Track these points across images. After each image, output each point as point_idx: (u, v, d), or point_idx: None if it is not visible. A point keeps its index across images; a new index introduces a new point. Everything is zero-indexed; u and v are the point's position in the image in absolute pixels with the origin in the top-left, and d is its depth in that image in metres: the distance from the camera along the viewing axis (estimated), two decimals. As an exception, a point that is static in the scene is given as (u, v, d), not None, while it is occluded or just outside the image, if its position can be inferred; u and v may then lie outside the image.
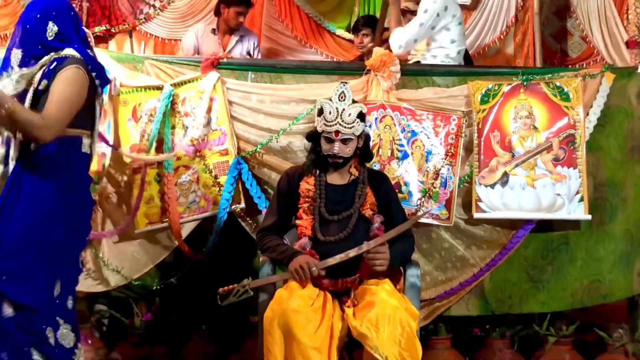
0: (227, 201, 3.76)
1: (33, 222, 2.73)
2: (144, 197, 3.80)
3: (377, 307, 2.91)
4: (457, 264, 3.88)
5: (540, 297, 3.93)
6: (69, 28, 2.89)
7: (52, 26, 2.86)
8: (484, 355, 3.95)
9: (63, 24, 2.88)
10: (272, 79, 3.98)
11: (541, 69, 4.57)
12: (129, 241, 3.87)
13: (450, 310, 3.89)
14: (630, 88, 4.02)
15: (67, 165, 2.84)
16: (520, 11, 6.02)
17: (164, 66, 3.97)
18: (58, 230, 2.77)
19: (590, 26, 6.03)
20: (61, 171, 2.82)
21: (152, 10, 6.07)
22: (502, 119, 3.85)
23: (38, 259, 2.71)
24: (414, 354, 2.88)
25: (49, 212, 2.76)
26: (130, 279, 3.85)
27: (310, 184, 3.26)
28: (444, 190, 3.80)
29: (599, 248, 3.94)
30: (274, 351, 2.88)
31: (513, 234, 3.84)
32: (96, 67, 2.89)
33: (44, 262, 2.73)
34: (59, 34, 2.86)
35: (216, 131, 3.84)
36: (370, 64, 3.88)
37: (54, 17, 2.87)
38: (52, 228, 2.75)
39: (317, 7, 6.06)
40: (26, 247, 2.71)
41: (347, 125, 3.16)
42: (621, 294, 4.00)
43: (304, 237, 3.17)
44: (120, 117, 3.84)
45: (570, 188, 3.78)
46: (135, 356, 3.82)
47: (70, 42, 2.87)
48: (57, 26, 2.86)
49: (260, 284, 3.15)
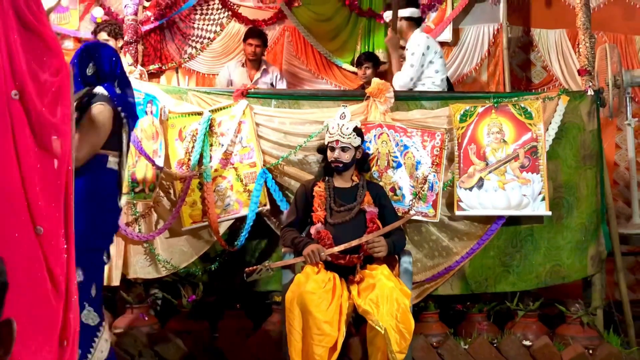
0: (255, 204, 3.77)
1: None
2: (188, 201, 3.82)
3: (377, 289, 2.94)
4: (443, 252, 3.87)
5: (510, 278, 3.92)
6: (105, 70, 2.91)
7: (92, 66, 2.89)
8: (465, 327, 3.93)
9: (102, 65, 2.90)
10: (291, 105, 3.99)
11: (509, 93, 4.56)
12: (177, 237, 3.89)
13: (437, 290, 3.89)
14: (582, 108, 4.00)
15: (91, 178, 2.82)
16: (492, 46, 6.00)
17: (203, 96, 3.99)
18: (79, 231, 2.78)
19: (550, 58, 6.02)
20: (85, 182, 2.79)
21: (194, 51, 6.10)
22: (477, 134, 3.85)
23: None
24: (408, 326, 2.90)
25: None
26: (178, 268, 3.87)
27: (321, 188, 3.35)
28: (431, 192, 3.80)
29: (559, 238, 3.93)
30: (294, 324, 2.91)
31: (488, 228, 3.84)
32: (122, 102, 2.89)
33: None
34: (96, 72, 2.89)
35: (246, 148, 3.85)
36: (370, 91, 3.88)
37: (96, 58, 2.90)
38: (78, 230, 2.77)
39: (327, 45, 6.07)
40: None
41: (346, 136, 3.31)
42: (577, 276, 3.99)
43: (319, 223, 3.23)
44: (169, 137, 3.87)
45: (534, 190, 3.77)
46: (183, 329, 3.82)
47: (104, 81, 2.89)
48: (96, 66, 2.89)
49: (277, 266, 3.19)
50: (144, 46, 5.91)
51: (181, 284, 3.96)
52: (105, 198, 2.90)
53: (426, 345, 3.71)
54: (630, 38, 6.01)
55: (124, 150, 2.96)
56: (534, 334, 3.83)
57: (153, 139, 3.82)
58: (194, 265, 3.92)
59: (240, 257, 3.94)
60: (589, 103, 4.03)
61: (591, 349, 3.70)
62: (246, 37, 5.34)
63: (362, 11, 6.04)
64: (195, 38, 6.10)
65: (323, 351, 2.85)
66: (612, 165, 5.82)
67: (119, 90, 2.92)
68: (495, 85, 5.90)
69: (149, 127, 3.79)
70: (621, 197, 5.73)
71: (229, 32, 6.11)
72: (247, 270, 3.11)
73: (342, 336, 2.92)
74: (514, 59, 6.08)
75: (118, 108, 2.87)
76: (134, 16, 4.97)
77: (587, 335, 3.79)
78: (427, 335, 3.77)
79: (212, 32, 6.12)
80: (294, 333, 2.90)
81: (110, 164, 2.91)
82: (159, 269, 3.84)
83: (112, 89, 2.89)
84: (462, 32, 6.07)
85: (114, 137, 2.88)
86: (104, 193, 2.89)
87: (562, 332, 3.87)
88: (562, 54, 5.98)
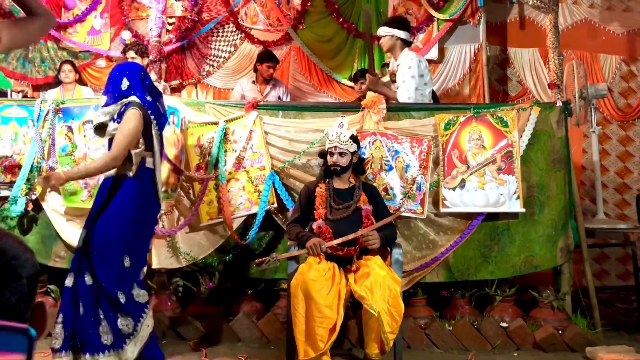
0: (264, 202, 3.77)
1: (113, 222, 2.88)
2: (205, 200, 3.82)
3: (371, 277, 2.94)
4: (430, 245, 3.86)
5: (489, 267, 3.90)
6: (137, 83, 3.03)
7: (125, 81, 3.00)
8: (449, 310, 3.92)
9: (133, 79, 3.02)
10: (296, 115, 3.99)
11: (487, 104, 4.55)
12: (196, 232, 3.89)
13: (425, 278, 3.87)
14: (551, 117, 4.00)
15: (137, 177, 2.95)
16: (473, 63, 5.99)
17: (219, 108, 4.00)
18: (129, 224, 2.89)
19: (524, 73, 6.02)
20: (134, 180, 2.94)
21: (211, 68, 6.11)
22: (459, 140, 3.84)
23: (112, 248, 2.83)
24: (399, 309, 2.90)
25: (125, 213, 2.89)
26: (197, 259, 3.87)
27: (322, 188, 3.34)
28: (419, 192, 3.79)
29: (532, 232, 3.91)
30: (298, 308, 2.92)
31: (469, 223, 3.83)
32: (150, 107, 3.01)
33: (116, 248, 2.84)
34: (129, 86, 3.00)
35: (256, 153, 3.85)
36: (365, 103, 3.89)
37: (128, 75, 3.03)
38: (125, 223, 2.88)
39: (328, 63, 6.07)
40: (106, 240, 2.85)
41: (343, 142, 3.31)
42: (548, 265, 3.97)
43: (320, 219, 3.24)
44: (189, 144, 3.88)
45: (510, 189, 3.76)
46: (201, 313, 3.83)
47: (136, 92, 3.00)
48: (129, 81, 3.01)
49: (283, 257, 3.20)
50: (166, 64, 5.93)
51: (200, 273, 3.96)
52: (147, 193, 3.00)
53: (415, 326, 3.71)
54: (595, 56, 6.02)
55: (156, 150, 3.02)
56: (510, 316, 3.82)
57: (175, 146, 3.83)
58: (210, 257, 3.92)
59: (252, 249, 3.94)
60: (558, 113, 4.02)
61: (560, 329, 3.70)
62: (264, 60, 5.31)
63: (359, 33, 6.04)
64: (212, 57, 6.13)
65: (324, 332, 2.85)
66: (580, 168, 5.82)
67: (149, 98, 3.02)
68: (476, 98, 5.90)
69: (171, 136, 3.81)
70: (587, 196, 5.73)
71: (241, 52, 6.14)
72: (257, 261, 3.12)
73: (341, 319, 2.92)
74: (493, 75, 6.09)
75: (148, 111, 2.98)
76: (158, 38, 5.00)
77: (557, 318, 3.78)
78: (416, 318, 3.77)
79: (227, 52, 6.14)
80: (298, 316, 2.91)
81: (147, 163, 2.99)
82: (180, 259, 3.85)
83: (143, 97, 3.02)
84: (446, 51, 6.07)
85: (147, 139, 2.95)
86: (146, 189, 3.00)
87: (535, 315, 3.86)
88: (535, 69, 5.99)
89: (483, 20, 5.89)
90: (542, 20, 5.59)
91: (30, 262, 0.91)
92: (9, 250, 0.89)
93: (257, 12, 6.15)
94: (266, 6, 6.12)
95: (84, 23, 6.15)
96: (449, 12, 5.94)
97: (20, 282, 0.89)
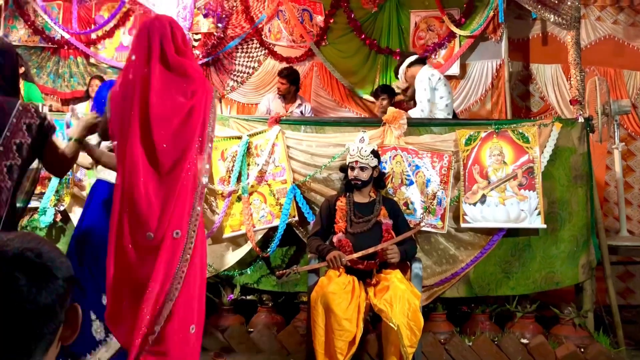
0: (285, 215, 3.80)
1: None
2: (228, 212, 3.88)
3: (391, 290, 2.95)
4: (450, 260, 3.85)
5: (510, 283, 3.89)
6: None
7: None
8: (469, 326, 3.90)
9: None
10: (317, 130, 4.03)
11: (508, 120, 4.55)
12: (218, 244, 3.94)
13: (445, 293, 3.86)
14: (573, 133, 3.99)
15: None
16: (495, 79, 5.98)
17: (243, 122, 4.07)
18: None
19: (547, 89, 5.98)
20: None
21: (235, 84, 6.22)
22: (480, 156, 3.85)
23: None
24: (418, 323, 2.91)
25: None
26: (219, 271, 3.92)
27: (343, 202, 3.36)
28: (440, 207, 3.80)
29: (553, 248, 3.89)
30: (318, 321, 2.93)
31: (490, 238, 3.82)
32: None
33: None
34: None
35: (278, 167, 3.90)
36: (386, 118, 3.92)
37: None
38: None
39: (349, 79, 6.12)
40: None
41: (364, 157, 3.32)
42: (569, 282, 3.94)
43: (340, 233, 3.25)
44: (213, 158, 3.92)
45: (531, 205, 3.75)
46: (222, 324, 3.87)
47: None
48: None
49: (304, 269, 3.24)
50: (192, 80, 6.03)
51: (221, 285, 4.00)
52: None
53: (435, 341, 3.70)
54: (619, 72, 5.96)
55: None
56: (531, 333, 3.79)
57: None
58: (232, 268, 3.96)
59: (273, 261, 3.98)
60: (580, 129, 4.01)
61: (582, 347, 3.66)
62: (278, 76, 5.44)
63: (381, 49, 6.09)
64: (237, 73, 6.23)
65: (343, 345, 2.87)
66: (603, 184, 5.75)
67: None
68: (498, 114, 5.87)
69: (195, 149, 3.87)
70: (611, 213, 5.65)
71: (265, 67, 6.23)
72: (278, 273, 3.16)
73: (360, 332, 2.94)
74: (515, 91, 6.07)
75: None
76: (184, 54, 5.08)
77: (579, 335, 3.74)
78: (436, 333, 3.75)
79: (251, 67, 6.24)
80: (317, 329, 2.93)
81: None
82: (203, 271, 3.89)
83: None
84: (468, 67, 6.07)
85: None
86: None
87: (556, 332, 3.82)
88: (557, 86, 5.94)
89: (505, 37, 5.88)
90: (564, 36, 5.58)
91: (65, 265, 0.97)
92: (46, 253, 0.94)
93: (280, 28, 6.25)
94: (290, 23, 6.22)
95: (112, 39, 6.31)
96: (471, 28, 5.95)
97: (57, 283, 0.93)
